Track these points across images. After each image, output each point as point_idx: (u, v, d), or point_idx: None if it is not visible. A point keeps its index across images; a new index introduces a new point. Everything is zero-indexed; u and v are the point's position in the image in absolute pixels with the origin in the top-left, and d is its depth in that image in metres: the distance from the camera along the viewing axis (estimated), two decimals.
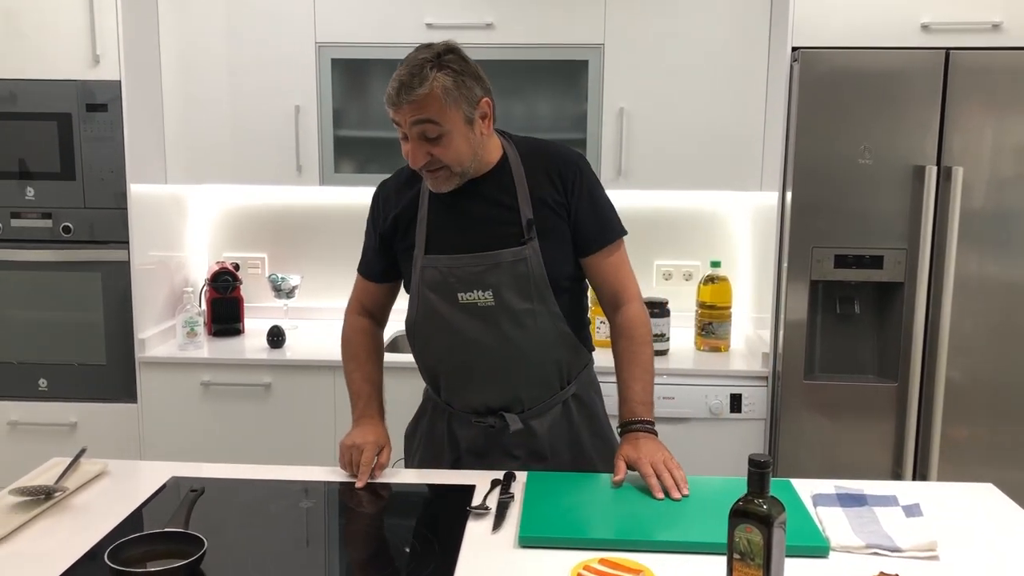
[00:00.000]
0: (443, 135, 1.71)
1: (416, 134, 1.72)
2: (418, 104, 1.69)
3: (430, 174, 1.78)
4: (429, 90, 1.68)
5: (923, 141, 2.55)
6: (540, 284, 1.81)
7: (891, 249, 2.60)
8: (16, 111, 2.83)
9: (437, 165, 1.75)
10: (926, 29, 2.56)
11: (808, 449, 2.68)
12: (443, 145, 1.72)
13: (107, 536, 1.50)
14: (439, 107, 1.70)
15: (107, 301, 2.90)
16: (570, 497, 1.67)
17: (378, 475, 1.79)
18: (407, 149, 1.75)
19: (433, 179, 1.78)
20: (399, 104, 1.70)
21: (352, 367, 1.98)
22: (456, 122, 1.72)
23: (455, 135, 1.72)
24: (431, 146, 1.72)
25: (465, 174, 1.79)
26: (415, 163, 1.75)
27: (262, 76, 3.03)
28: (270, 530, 1.55)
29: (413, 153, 1.74)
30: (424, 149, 1.73)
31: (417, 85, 1.68)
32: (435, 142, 1.72)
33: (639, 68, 2.95)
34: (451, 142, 1.73)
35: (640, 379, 1.83)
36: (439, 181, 1.78)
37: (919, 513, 1.60)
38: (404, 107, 1.70)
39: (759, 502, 1.27)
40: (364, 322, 2.02)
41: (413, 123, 1.71)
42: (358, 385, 1.95)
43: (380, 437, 1.85)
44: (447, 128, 1.71)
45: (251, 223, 3.43)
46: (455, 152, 1.74)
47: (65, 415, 2.95)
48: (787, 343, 2.67)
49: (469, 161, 1.77)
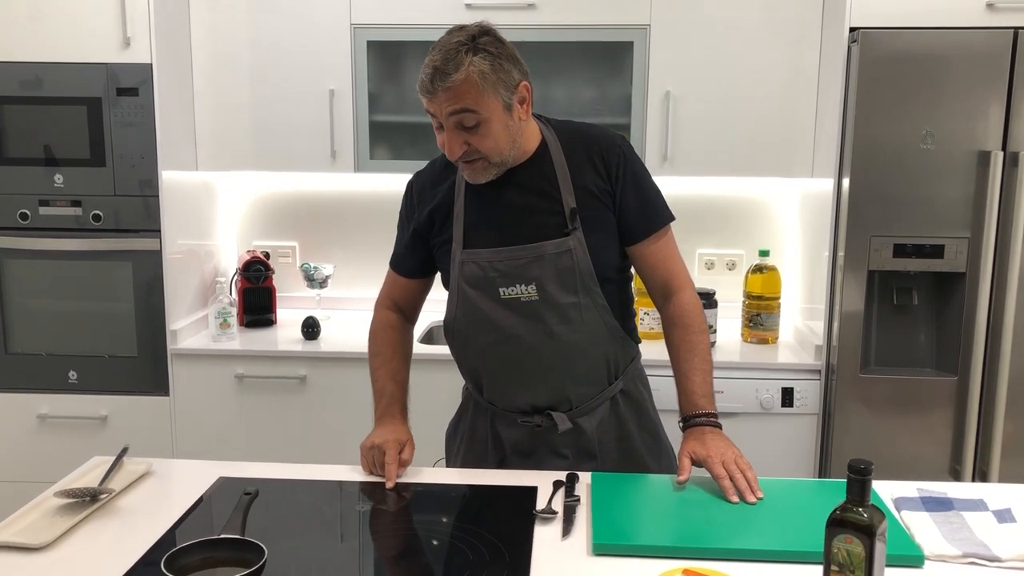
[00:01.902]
0: (481, 123, 1.62)
1: (453, 124, 1.63)
2: (454, 92, 1.59)
3: (467, 165, 1.69)
4: (465, 76, 1.59)
5: (988, 126, 2.44)
6: (586, 276, 1.72)
7: (952, 238, 2.49)
8: (43, 95, 2.75)
9: (475, 156, 1.66)
10: (991, 8, 2.46)
11: (863, 445, 2.59)
12: (481, 134, 1.64)
13: (159, 541, 1.43)
14: (476, 94, 1.60)
15: (138, 291, 2.83)
16: (639, 500, 1.59)
17: (402, 472, 1.70)
18: (443, 140, 1.66)
19: (470, 170, 1.70)
20: (433, 92, 1.61)
21: (377, 363, 1.89)
22: (494, 109, 1.63)
23: (493, 122, 1.63)
24: (468, 135, 1.64)
25: (504, 163, 1.70)
26: (452, 155, 1.66)
27: (295, 59, 2.94)
28: (329, 536, 1.47)
29: (450, 144, 1.65)
30: (461, 139, 1.64)
31: (452, 71, 1.58)
32: (472, 131, 1.63)
33: (686, 50, 2.85)
34: (489, 130, 1.64)
35: (700, 369, 1.74)
36: (476, 172, 1.70)
37: (1012, 519, 1.51)
38: (439, 95, 1.60)
39: (860, 511, 1.19)
40: (393, 317, 1.93)
41: (449, 113, 1.62)
42: (382, 383, 1.87)
43: (401, 434, 1.77)
44: (485, 116, 1.62)
45: (282, 211, 3.35)
46: (493, 140, 1.65)
47: (96, 408, 2.88)
48: (842, 335, 2.58)
49: (508, 149, 1.68)
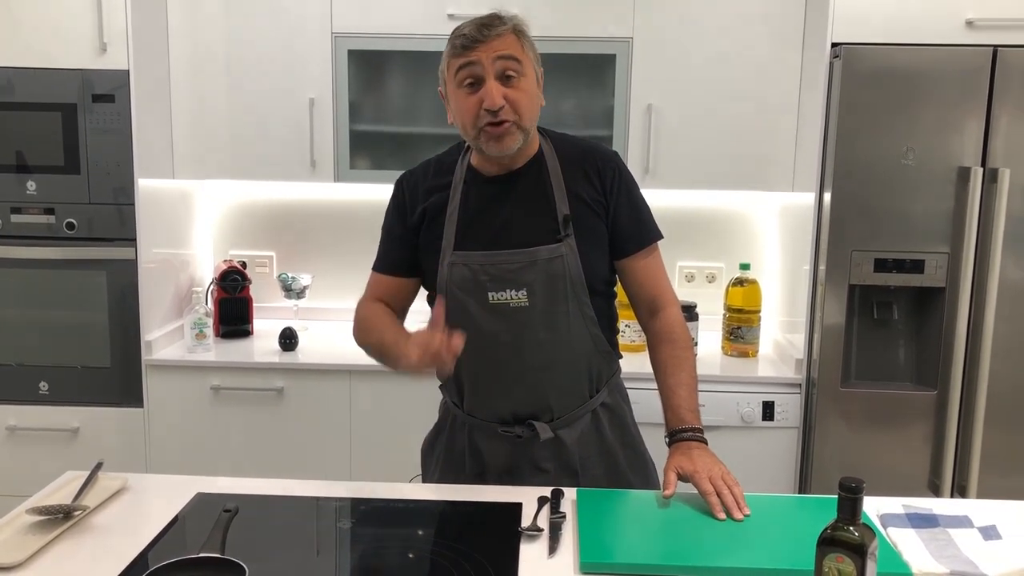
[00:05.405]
0: (521, 77, 1.65)
1: (497, 71, 1.63)
2: (501, 39, 1.63)
3: (495, 129, 1.65)
4: (512, 27, 1.65)
5: (968, 142, 2.46)
6: (576, 284, 1.71)
7: (932, 253, 2.51)
8: (16, 101, 2.69)
9: (508, 116, 1.64)
10: (971, 25, 2.48)
11: (843, 459, 2.60)
12: (520, 88, 1.65)
13: (136, 560, 1.38)
14: (519, 46, 1.66)
15: (112, 301, 2.78)
16: (626, 518, 1.57)
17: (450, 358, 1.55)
18: (477, 98, 1.63)
19: (498, 133, 1.65)
20: (482, 40, 1.62)
21: (369, 324, 1.76)
22: (529, 70, 1.67)
23: (529, 81, 1.67)
24: (507, 89, 1.64)
25: (526, 136, 1.69)
26: (495, 101, 1.62)
27: (275, 67, 2.90)
28: (310, 554, 1.44)
29: (494, 94, 1.62)
30: (501, 91, 1.63)
31: (498, 24, 1.63)
32: (512, 84, 1.64)
33: (668, 63, 2.85)
34: (527, 87, 1.66)
35: (686, 385, 1.75)
36: (503, 136, 1.66)
37: (997, 535, 1.51)
38: (487, 43, 1.62)
39: (851, 530, 1.18)
40: (380, 305, 1.83)
41: (496, 59, 1.62)
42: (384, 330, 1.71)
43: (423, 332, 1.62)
44: (524, 71, 1.66)
45: (259, 220, 3.31)
46: (528, 99, 1.67)
47: (67, 420, 2.82)
48: (823, 349, 2.58)
49: (531, 123, 1.69)
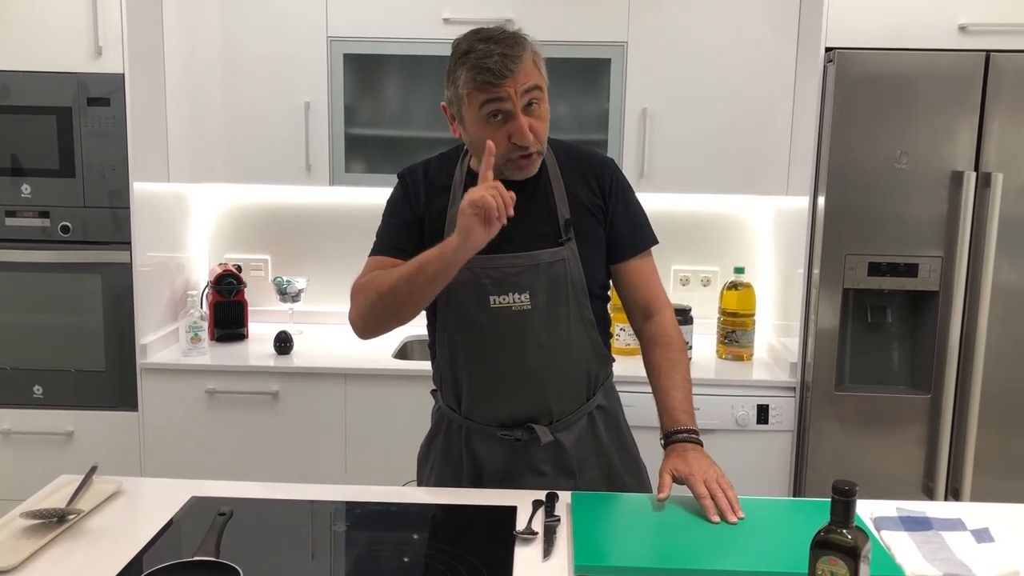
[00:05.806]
0: (541, 102, 1.61)
1: (524, 103, 1.58)
2: (525, 70, 1.57)
3: (525, 160, 1.63)
4: (530, 52, 1.59)
5: (961, 146, 2.47)
6: (577, 287, 1.72)
7: (926, 257, 2.52)
8: (10, 104, 2.69)
9: (535, 147, 1.62)
10: (964, 31, 2.49)
11: (837, 462, 2.60)
12: (540, 116, 1.62)
13: (130, 564, 1.38)
14: (538, 71, 1.61)
15: (107, 304, 2.77)
16: (620, 521, 1.58)
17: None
18: (507, 131, 1.58)
19: (528, 164, 1.65)
20: (511, 73, 1.55)
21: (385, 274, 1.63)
22: (544, 88, 1.63)
23: (546, 104, 1.64)
24: (532, 119, 1.60)
25: (541, 154, 1.68)
26: (527, 138, 1.59)
27: (270, 71, 2.90)
28: (305, 558, 1.44)
29: (524, 129, 1.58)
30: (528, 123, 1.60)
31: (519, 52, 1.56)
32: (534, 113, 1.60)
33: (663, 68, 2.86)
34: (545, 111, 1.63)
35: (681, 387, 1.76)
36: (531, 165, 1.66)
37: (990, 538, 1.52)
38: (515, 77, 1.55)
39: (844, 533, 1.19)
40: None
41: (524, 91, 1.57)
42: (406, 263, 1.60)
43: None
44: (544, 94, 1.62)
45: (254, 223, 3.31)
46: (546, 124, 1.64)
47: (61, 424, 2.81)
48: (817, 353, 2.59)
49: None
